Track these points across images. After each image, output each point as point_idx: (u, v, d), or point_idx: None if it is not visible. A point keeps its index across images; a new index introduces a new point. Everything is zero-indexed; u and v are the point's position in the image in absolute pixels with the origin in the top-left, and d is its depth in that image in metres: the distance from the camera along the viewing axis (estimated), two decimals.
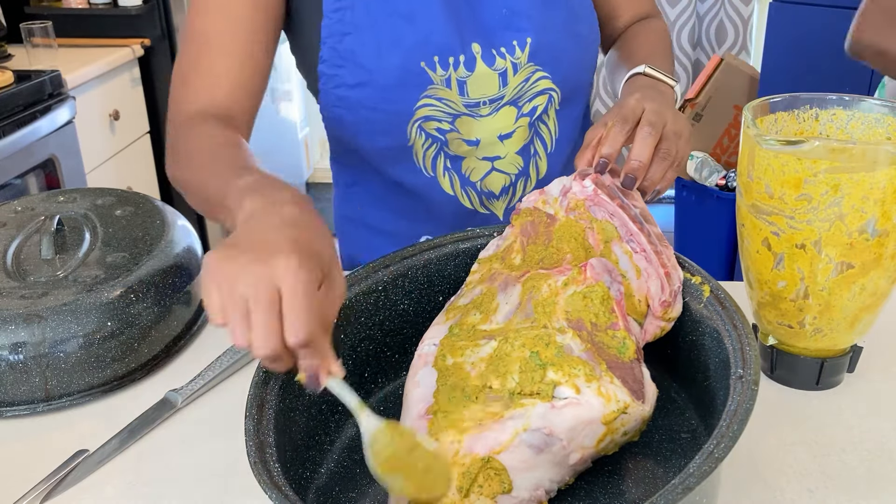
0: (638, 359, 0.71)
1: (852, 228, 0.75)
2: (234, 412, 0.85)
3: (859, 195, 0.73)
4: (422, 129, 0.99)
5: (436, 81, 0.96)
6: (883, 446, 0.77)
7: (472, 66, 0.97)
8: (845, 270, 0.77)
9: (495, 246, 0.85)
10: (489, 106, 1.00)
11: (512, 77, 0.99)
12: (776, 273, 0.80)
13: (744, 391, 0.62)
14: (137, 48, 2.59)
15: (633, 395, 0.66)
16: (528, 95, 1.01)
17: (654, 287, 0.76)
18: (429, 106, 0.97)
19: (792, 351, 0.85)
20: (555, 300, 0.72)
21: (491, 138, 1.02)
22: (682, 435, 0.77)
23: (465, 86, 0.97)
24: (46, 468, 0.77)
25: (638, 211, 0.79)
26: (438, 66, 0.95)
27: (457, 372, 0.70)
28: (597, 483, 0.71)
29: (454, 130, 1.00)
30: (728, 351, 0.69)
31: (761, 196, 0.78)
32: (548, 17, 0.99)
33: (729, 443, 0.57)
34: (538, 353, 0.67)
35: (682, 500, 0.53)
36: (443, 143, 1.01)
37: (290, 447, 0.69)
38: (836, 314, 0.80)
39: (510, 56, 0.98)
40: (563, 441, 0.64)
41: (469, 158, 1.03)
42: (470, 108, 0.99)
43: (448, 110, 0.98)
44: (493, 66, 0.98)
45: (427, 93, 0.97)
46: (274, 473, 0.60)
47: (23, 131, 2.09)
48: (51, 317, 0.85)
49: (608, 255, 0.78)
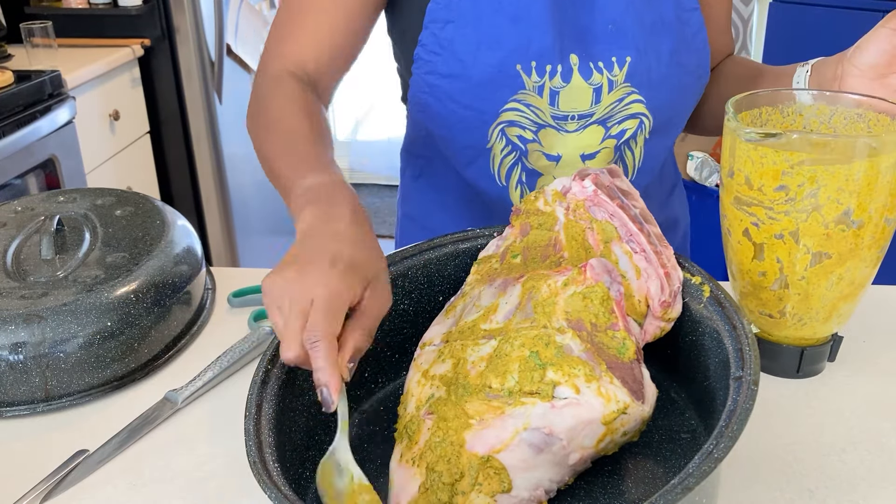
0: (638, 359, 0.71)
1: (829, 219, 0.76)
2: (234, 412, 0.85)
3: (835, 186, 0.75)
4: (503, 134, 0.97)
5: (528, 87, 0.94)
6: (883, 446, 0.77)
7: (569, 78, 0.95)
8: (823, 260, 0.78)
9: (495, 246, 0.85)
10: (577, 122, 0.97)
11: (606, 94, 0.96)
12: (756, 263, 0.81)
13: (743, 391, 0.62)
14: (137, 48, 2.59)
15: (632, 396, 0.66)
16: (619, 117, 0.98)
17: (654, 287, 0.76)
18: (515, 111, 0.95)
19: (773, 339, 0.86)
20: (554, 300, 0.72)
21: (573, 157, 0.99)
22: (682, 435, 0.77)
23: (557, 96, 0.95)
24: (46, 468, 0.77)
25: (638, 211, 0.79)
26: (535, 71, 0.94)
27: (457, 371, 0.70)
28: (596, 483, 0.71)
29: (536, 141, 0.98)
30: (728, 351, 0.69)
31: (741, 187, 0.79)
32: (653, 42, 0.96)
33: (728, 443, 0.57)
34: (538, 352, 0.67)
35: (681, 500, 0.53)
36: (522, 153, 0.99)
37: (290, 447, 0.69)
38: (815, 303, 0.81)
39: (608, 72, 0.95)
40: (563, 441, 0.64)
41: (546, 177, 1.01)
42: (557, 120, 0.97)
43: (534, 118, 0.96)
44: (590, 80, 0.95)
45: (516, 97, 0.95)
46: (273, 473, 0.60)
47: (23, 131, 2.09)
48: (51, 317, 0.85)
49: (608, 256, 0.78)
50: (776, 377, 0.87)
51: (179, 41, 2.64)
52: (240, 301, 1.04)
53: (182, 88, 2.69)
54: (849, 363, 0.89)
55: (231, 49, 2.78)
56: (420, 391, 0.71)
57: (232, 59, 2.82)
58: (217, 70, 2.71)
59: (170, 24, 2.63)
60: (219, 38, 2.69)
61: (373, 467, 0.73)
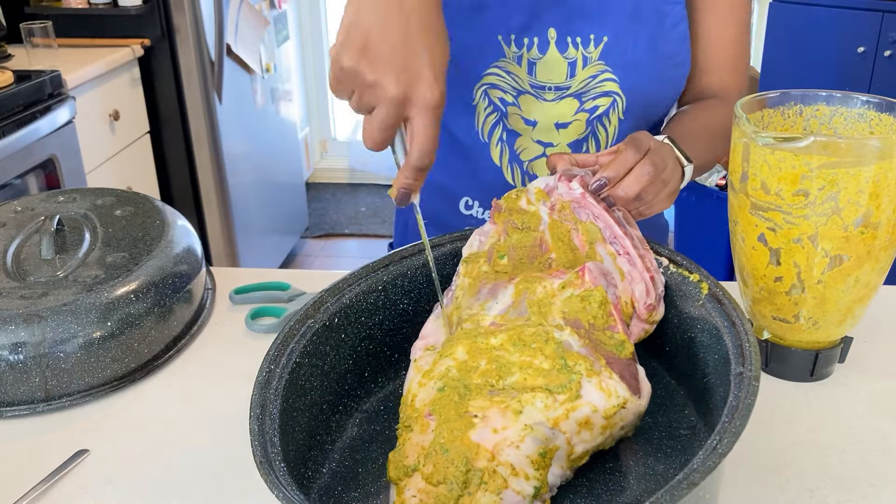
0: (633, 358, 0.72)
1: (848, 222, 0.76)
2: (234, 411, 0.85)
3: (855, 189, 0.74)
4: (486, 95, 1.03)
5: (508, 56, 1.00)
6: (883, 446, 0.77)
7: (545, 50, 1.00)
8: (840, 263, 0.78)
9: (478, 241, 0.85)
10: (554, 93, 1.03)
11: (581, 70, 1.01)
12: (772, 268, 0.81)
13: (744, 387, 0.63)
14: (137, 48, 2.59)
15: (630, 391, 0.67)
16: (593, 93, 1.03)
17: (639, 290, 0.77)
18: (496, 76, 1.02)
19: (785, 344, 0.86)
20: (551, 301, 0.73)
21: (548, 123, 1.04)
22: (682, 431, 0.77)
23: (534, 67, 1.01)
24: (46, 468, 0.77)
25: (620, 214, 0.80)
26: (514, 43, 1.00)
27: (458, 369, 0.70)
28: (598, 480, 0.71)
29: (516, 105, 1.03)
30: (727, 347, 0.69)
31: (757, 192, 0.79)
32: (631, 27, 1.00)
33: (732, 438, 0.57)
34: (538, 348, 0.67)
35: (686, 496, 0.53)
36: (503, 115, 1.04)
37: (293, 447, 0.69)
38: (831, 306, 0.81)
39: (583, 48, 1.01)
40: (567, 435, 0.65)
41: (524, 137, 1.06)
42: (535, 89, 1.02)
43: (514, 84, 1.02)
44: (565, 54, 1.01)
45: (498, 63, 1.01)
46: (280, 474, 0.60)
47: (23, 131, 2.09)
48: (51, 317, 0.85)
49: (593, 257, 0.79)
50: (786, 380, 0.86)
51: (179, 41, 2.64)
52: (241, 298, 1.04)
53: (182, 88, 2.69)
54: (849, 363, 0.89)
55: (231, 49, 2.78)
56: (422, 391, 0.71)
57: (232, 59, 2.81)
58: (217, 70, 2.71)
59: (170, 24, 2.63)
60: (219, 38, 2.69)
61: (374, 467, 0.73)
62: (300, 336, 0.74)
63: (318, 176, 4.25)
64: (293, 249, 3.57)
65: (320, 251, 3.64)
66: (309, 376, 0.74)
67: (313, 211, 3.86)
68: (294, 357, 0.72)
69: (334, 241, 3.72)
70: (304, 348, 0.73)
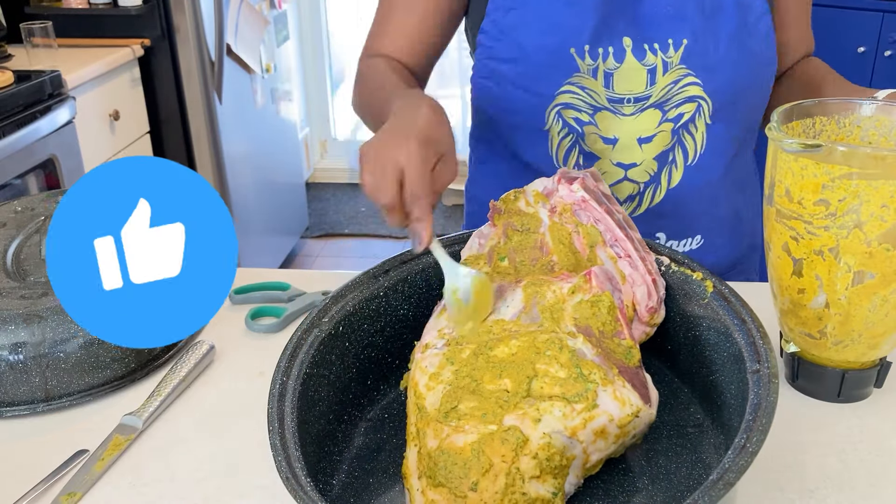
0: (640, 365, 0.72)
1: (871, 237, 0.72)
2: (235, 412, 0.85)
3: (879, 203, 0.71)
4: (560, 116, 1.00)
5: (582, 70, 0.98)
6: (883, 446, 0.77)
7: (622, 59, 0.98)
8: (865, 280, 0.74)
9: (477, 244, 0.84)
10: (633, 105, 0.99)
11: (661, 76, 0.98)
12: (795, 279, 0.78)
13: (764, 385, 0.63)
14: (137, 48, 2.59)
15: (642, 399, 0.67)
16: (676, 100, 0.99)
17: (641, 293, 0.77)
18: (570, 93, 0.99)
19: (815, 360, 0.82)
20: (562, 307, 0.72)
21: (629, 140, 1.00)
22: (689, 429, 0.77)
23: (611, 78, 0.98)
24: (46, 468, 0.77)
25: (620, 216, 0.80)
26: (588, 55, 0.97)
27: (470, 373, 0.69)
28: (613, 482, 0.72)
29: (593, 124, 1.00)
30: (739, 345, 0.69)
31: (782, 199, 0.76)
32: (710, 25, 0.97)
33: (760, 436, 0.58)
34: (553, 356, 0.67)
35: (723, 496, 0.54)
36: (579, 136, 1.01)
37: (305, 459, 0.68)
38: (857, 325, 0.77)
39: (662, 53, 0.97)
40: (584, 444, 0.65)
41: (603, 161, 1.02)
42: (613, 103, 0.99)
43: (590, 101, 0.99)
44: (643, 62, 0.98)
45: (571, 80, 0.98)
46: (307, 488, 0.60)
47: (23, 131, 2.09)
48: (51, 317, 0.85)
49: (594, 260, 0.79)
50: None
51: (179, 41, 2.64)
52: (241, 298, 1.04)
53: (182, 88, 2.69)
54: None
55: (231, 49, 2.78)
56: (430, 395, 0.69)
57: (232, 59, 2.81)
58: (217, 70, 2.71)
59: (170, 24, 2.62)
60: (219, 38, 2.69)
61: (384, 477, 0.73)
62: (308, 346, 0.74)
63: (318, 176, 4.24)
64: (293, 249, 3.57)
65: (320, 251, 3.64)
66: (318, 387, 0.74)
67: (313, 211, 3.86)
68: (304, 368, 0.72)
69: (334, 241, 3.72)
70: (313, 358, 0.73)
